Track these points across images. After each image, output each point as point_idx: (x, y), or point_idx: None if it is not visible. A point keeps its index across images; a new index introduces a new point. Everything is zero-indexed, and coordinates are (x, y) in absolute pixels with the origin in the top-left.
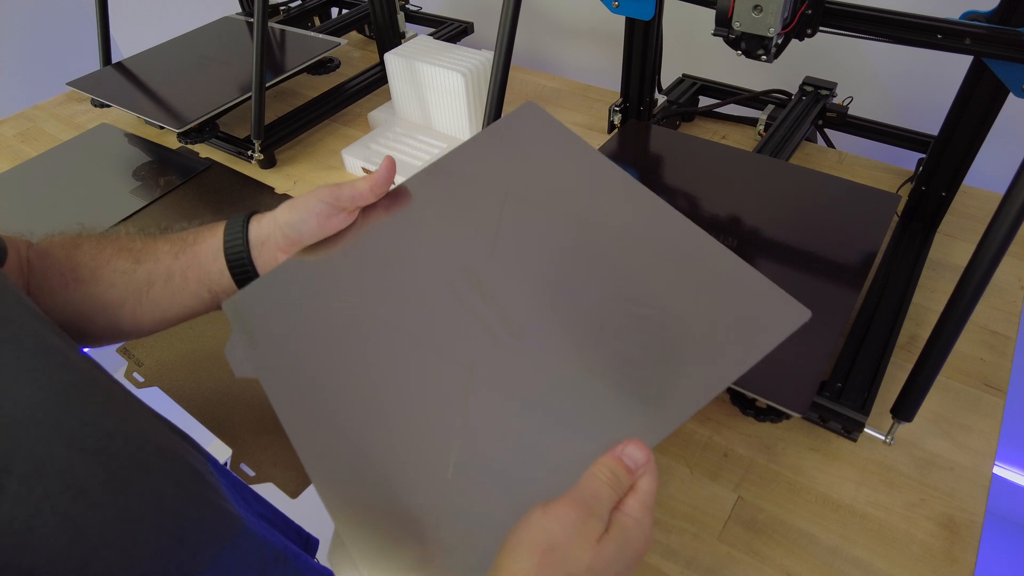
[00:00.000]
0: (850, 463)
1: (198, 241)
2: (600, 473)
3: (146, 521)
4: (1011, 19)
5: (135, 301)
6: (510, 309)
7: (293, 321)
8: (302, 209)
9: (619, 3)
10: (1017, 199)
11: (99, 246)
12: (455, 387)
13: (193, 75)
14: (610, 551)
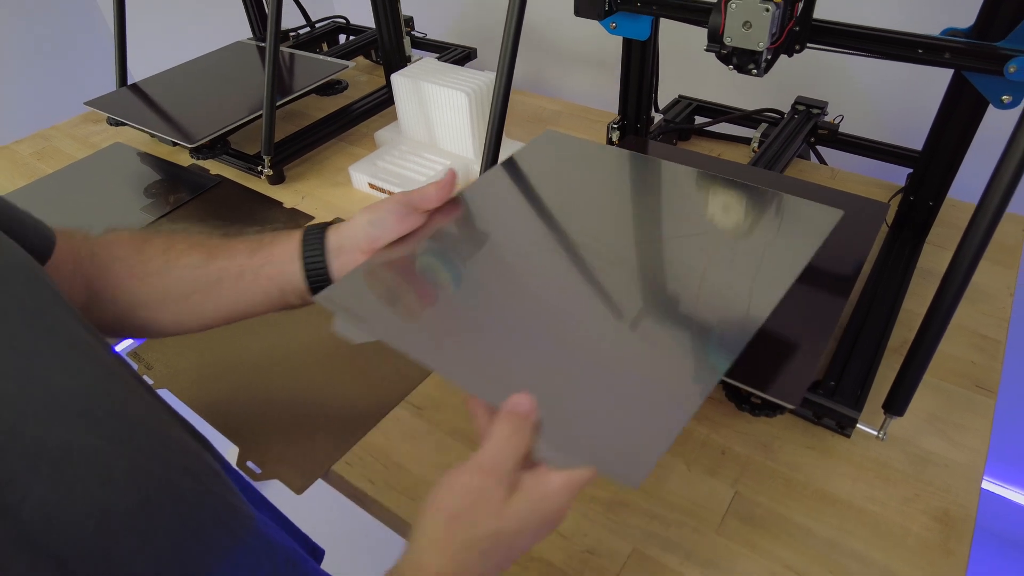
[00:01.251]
0: (846, 460)
1: (275, 243)
2: (498, 433)
3: (165, 512)
4: (988, 34)
5: (203, 295)
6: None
7: None
8: (381, 210)
9: (616, 24)
10: (989, 206)
11: (169, 241)
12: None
13: (205, 95)
14: (518, 514)
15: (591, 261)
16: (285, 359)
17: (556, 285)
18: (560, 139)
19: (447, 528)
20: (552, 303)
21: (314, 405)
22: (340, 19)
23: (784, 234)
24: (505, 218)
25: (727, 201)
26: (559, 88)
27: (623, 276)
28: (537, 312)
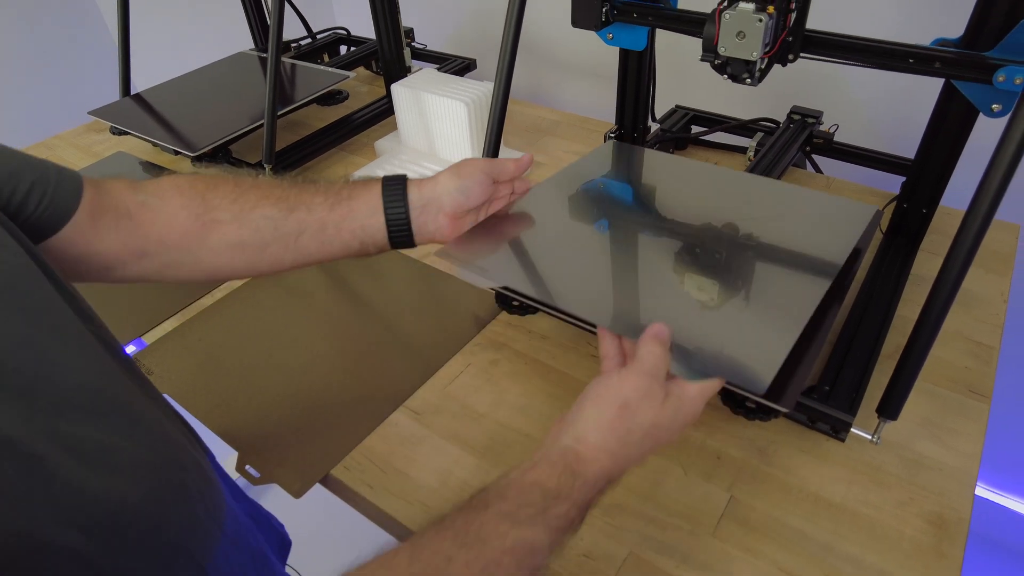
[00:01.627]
0: (841, 464)
1: (354, 196)
2: (650, 349)
3: (169, 503)
4: (976, 44)
5: (281, 247)
6: None
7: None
8: (467, 177)
9: (613, 35)
10: (978, 213)
11: (239, 188)
12: None
13: (207, 105)
14: (669, 412)
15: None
16: (285, 363)
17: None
18: (621, 147)
19: (618, 414)
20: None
21: (313, 409)
22: (341, 30)
23: None
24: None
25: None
26: (558, 98)
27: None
28: (645, 268)
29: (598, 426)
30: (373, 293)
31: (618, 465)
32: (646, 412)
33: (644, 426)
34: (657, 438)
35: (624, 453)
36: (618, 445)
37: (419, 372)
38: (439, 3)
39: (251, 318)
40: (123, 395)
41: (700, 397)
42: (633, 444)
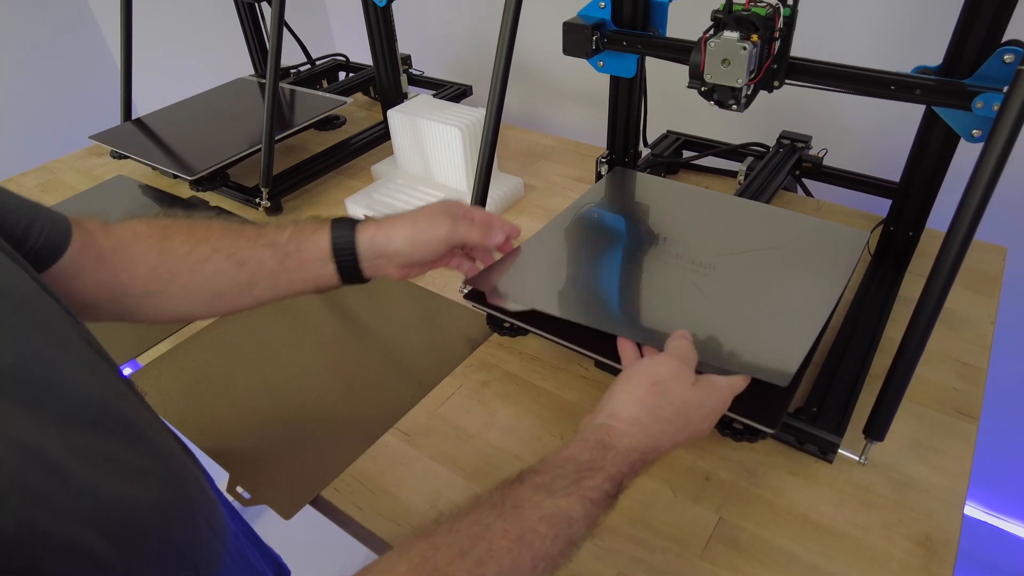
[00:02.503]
0: (829, 485)
1: (303, 248)
2: (683, 343)
3: (175, 513)
4: (955, 72)
5: (236, 296)
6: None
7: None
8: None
9: (604, 63)
10: (957, 235)
11: (192, 240)
12: None
13: (206, 130)
14: (699, 394)
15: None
16: (277, 384)
17: (664, 277)
18: (629, 175)
19: (649, 389)
20: (665, 286)
21: (304, 430)
22: (340, 57)
23: None
24: (606, 226)
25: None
26: (552, 123)
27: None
28: (656, 290)
29: (629, 401)
30: (367, 313)
31: (651, 439)
32: (677, 390)
33: (675, 403)
34: (688, 418)
35: (656, 428)
36: (650, 419)
37: (411, 393)
38: (437, 30)
39: (245, 339)
40: (127, 410)
41: (728, 389)
42: (665, 420)
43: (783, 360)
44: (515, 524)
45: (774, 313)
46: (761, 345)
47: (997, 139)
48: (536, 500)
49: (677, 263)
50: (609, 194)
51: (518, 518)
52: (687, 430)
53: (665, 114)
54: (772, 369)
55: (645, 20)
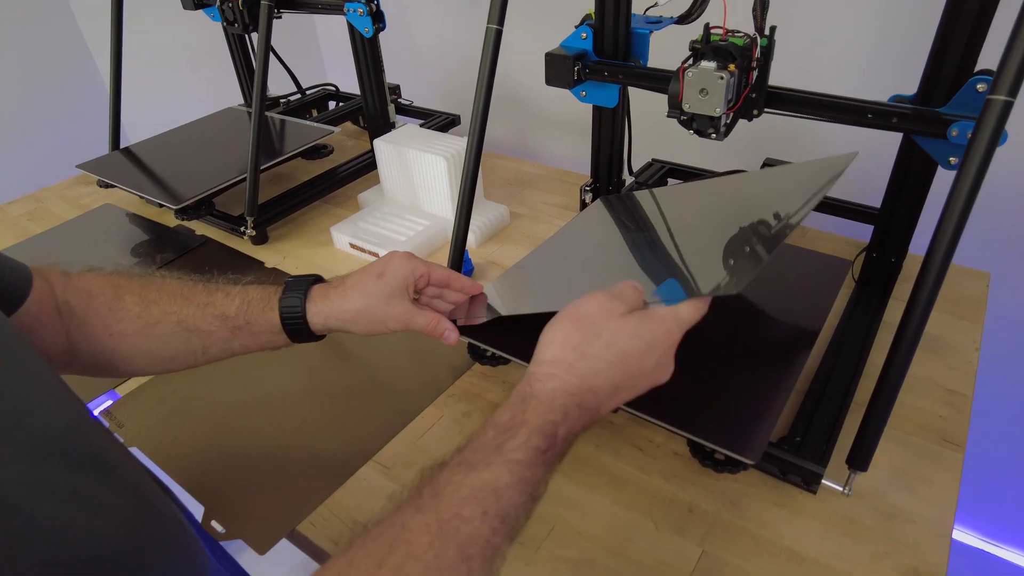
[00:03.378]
0: (814, 517)
1: (252, 323)
2: (628, 282)
3: (148, 548)
4: (930, 100)
5: (189, 358)
6: None
7: None
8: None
9: (586, 93)
10: (935, 260)
11: (143, 302)
12: None
13: (194, 159)
14: (631, 323)
15: None
16: (257, 415)
17: None
18: (613, 199)
19: (573, 326)
20: None
21: (282, 462)
22: (330, 87)
23: None
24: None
25: None
26: (541, 152)
27: None
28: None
29: (552, 341)
30: (349, 339)
31: (579, 378)
32: (603, 320)
33: (603, 336)
34: (623, 352)
35: (583, 365)
36: (575, 356)
37: (391, 423)
38: (428, 61)
39: (226, 369)
40: (97, 444)
41: (671, 316)
42: (593, 356)
43: (734, 277)
44: (434, 515)
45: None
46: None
47: (969, 167)
48: (456, 480)
49: (662, 239)
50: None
51: (436, 507)
52: (625, 366)
53: (651, 143)
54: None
55: (626, 50)
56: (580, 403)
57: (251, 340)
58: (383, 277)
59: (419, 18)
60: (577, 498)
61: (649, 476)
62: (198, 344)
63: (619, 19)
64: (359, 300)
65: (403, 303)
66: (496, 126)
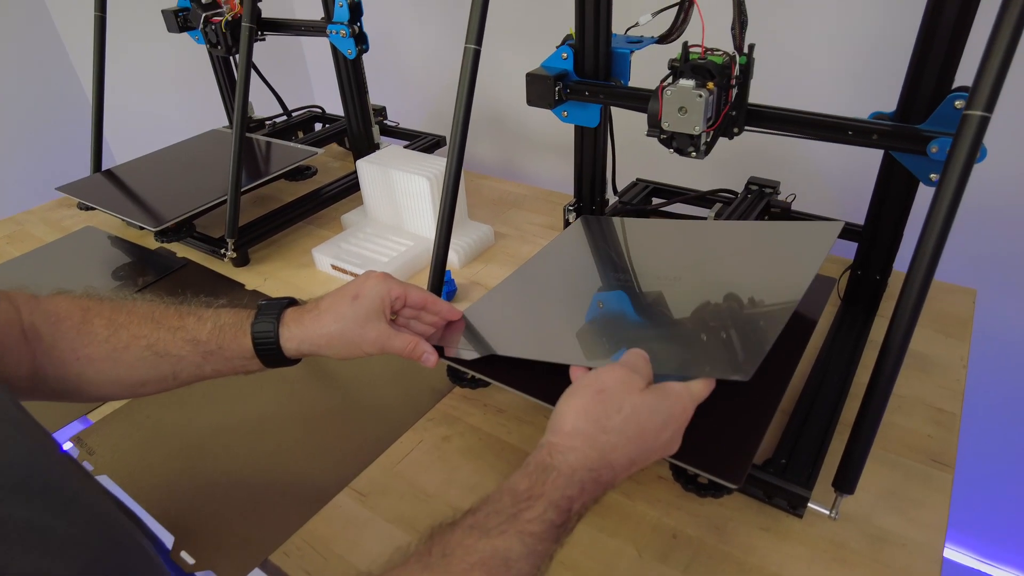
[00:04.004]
0: (801, 541)
1: (225, 348)
2: (634, 353)
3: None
4: (910, 117)
5: (159, 383)
6: None
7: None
8: (349, 349)
9: (568, 113)
10: (916, 277)
11: (112, 326)
12: None
13: (176, 181)
14: (650, 399)
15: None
16: (232, 440)
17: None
18: (592, 220)
19: (594, 398)
20: (634, 319)
21: (257, 489)
22: (316, 108)
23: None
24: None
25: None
26: (527, 173)
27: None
28: (618, 314)
29: (573, 412)
30: (329, 363)
31: (599, 452)
32: (624, 395)
33: (623, 410)
34: (641, 427)
35: (604, 439)
36: (595, 429)
37: (370, 448)
38: (414, 83)
39: (203, 393)
40: (56, 474)
41: (686, 394)
42: (613, 430)
43: (744, 358)
44: (442, 574)
45: (737, 317)
46: (721, 349)
47: (948, 182)
48: (468, 544)
49: (644, 294)
50: (573, 242)
51: (446, 567)
52: (642, 442)
53: (636, 163)
54: (732, 365)
55: (607, 70)
56: (597, 478)
57: (223, 365)
58: (358, 299)
59: (405, 40)
60: None
61: (633, 501)
62: (168, 369)
63: (599, 39)
64: (333, 324)
65: (379, 325)
66: (482, 147)
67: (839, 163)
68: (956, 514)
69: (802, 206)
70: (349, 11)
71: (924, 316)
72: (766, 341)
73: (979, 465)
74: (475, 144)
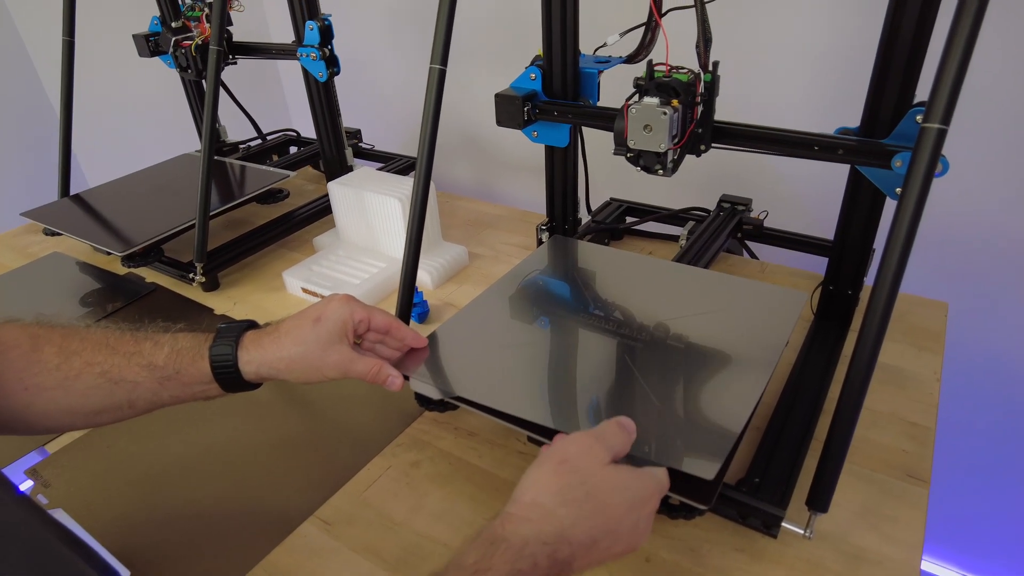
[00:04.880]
0: (777, 562)
1: (183, 373)
2: (609, 424)
3: None
4: (874, 133)
5: (115, 412)
6: None
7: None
8: (309, 374)
9: (538, 133)
10: (883, 290)
11: (63, 353)
12: None
13: (146, 205)
14: (615, 477)
15: (617, 333)
16: (197, 469)
17: (596, 351)
18: (564, 242)
19: (555, 470)
20: (598, 362)
21: (219, 519)
22: (291, 132)
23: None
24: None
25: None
26: (504, 194)
27: (644, 342)
28: (587, 367)
29: (533, 484)
30: (296, 387)
31: (555, 526)
32: (587, 467)
33: (586, 483)
34: (603, 504)
35: (562, 513)
36: (554, 502)
37: (338, 475)
38: (390, 107)
39: (165, 421)
40: None
41: (651, 479)
42: (573, 502)
43: (709, 450)
44: None
45: (706, 395)
46: (688, 434)
47: (910, 194)
48: None
49: (609, 337)
50: (544, 262)
51: None
52: (605, 521)
53: (613, 183)
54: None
55: (576, 90)
56: (553, 553)
57: (181, 391)
58: (320, 322)
59: (381, 64)
60: None
61: None
62: (124, 397)
63: (567, 59)
64: (294, 347)
65: (341, 349)
66: (458, 169)
67: (810, 180)
68: (931, 526)
69: (777, 222)
70: (320, 34)
71: (897, 330)
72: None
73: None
74: (451, 166)
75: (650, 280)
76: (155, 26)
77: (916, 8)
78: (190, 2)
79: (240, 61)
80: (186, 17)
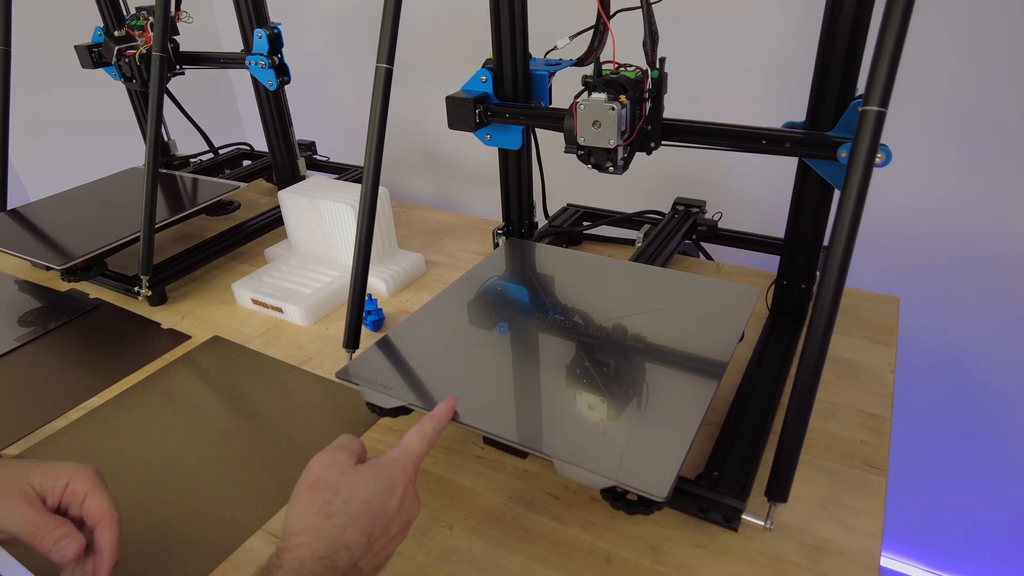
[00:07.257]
0: (739, 557)
1: None
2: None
3: None
4: (819, 125)
5: None
6: None
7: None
8: None
9: (490, 136)
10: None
11: None
12: None
13: (88, 219)
14: (363, 474)
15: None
16: (138, 486)
17: (549, 350)
18: (520, 244)
19: (310, 492)
20: (551, 364)
21: (159, 537)
22: (244, 145)
23: None
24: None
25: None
26: (462, 204)
27: (595, 343)
28: (542, 369)
29: (295, 512)
30: (249, 398)
31: (327, 539)
32: (336, 478)
33: (340, 491)
34: (365, 501)
35: (331, 525)
36: (320, 519)
37: (287, 487)
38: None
39: (107, 436)
40: None
41: (403, 455)
42: (337, 513)
43: (661, 472)
44: None
45: (661, 397)
46: (640, 447)
47: (852, 180)
48: None
49: (564, 338)
50: (501, 265)
51: None
52: (371, 515)
53: (569, 190)
54: (648, 478)
55: (527, 93)
56: (332, 564)
57: None
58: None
59: (338, 76)
60: (485, 557)
61: (564, 526)
62: None
63: (517, 62)
64: None
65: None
66: (416, 180)
67: (761, 181)
68: (889, 520)
69: (731, 223)
70: (268, 42)
71: (851, 325)
72: (678, 455)
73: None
74: (409, 178)
75: (606, 279)
76: (98, 37)
77: (853, 1)
78: (134, 11)
79: (192, 75)
80: (129, 26)
